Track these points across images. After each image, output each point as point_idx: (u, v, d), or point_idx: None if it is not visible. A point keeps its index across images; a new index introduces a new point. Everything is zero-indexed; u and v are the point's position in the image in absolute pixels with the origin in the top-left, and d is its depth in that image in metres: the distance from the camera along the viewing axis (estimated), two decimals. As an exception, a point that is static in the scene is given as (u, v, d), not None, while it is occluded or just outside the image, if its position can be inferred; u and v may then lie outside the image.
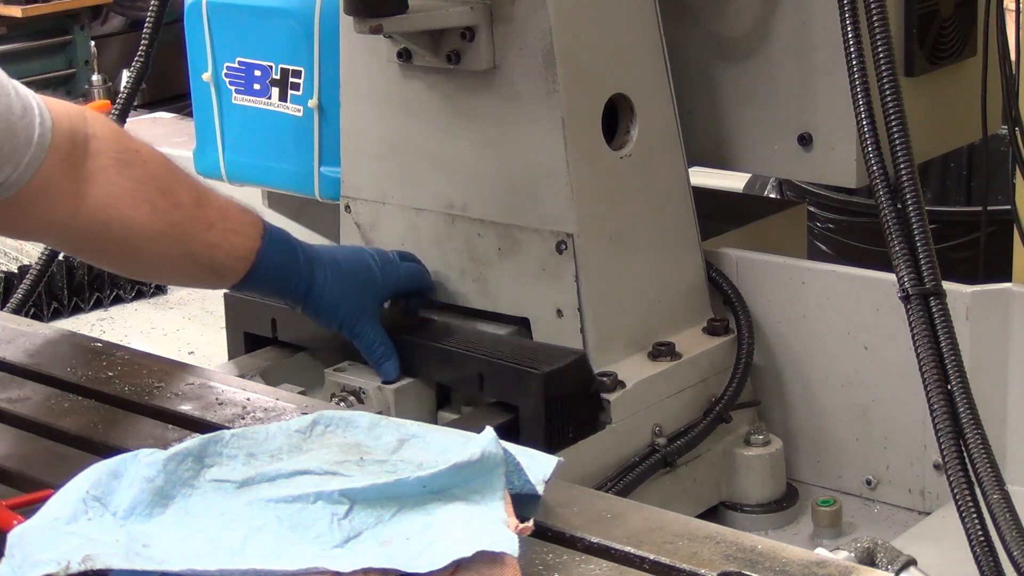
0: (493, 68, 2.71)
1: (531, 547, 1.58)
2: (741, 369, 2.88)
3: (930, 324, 2.41)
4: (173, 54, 3.85)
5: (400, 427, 1.76)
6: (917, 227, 2.48)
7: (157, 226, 2.16)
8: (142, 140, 2.20)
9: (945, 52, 3.04)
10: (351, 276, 2.56)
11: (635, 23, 2.81)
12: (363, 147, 2.95)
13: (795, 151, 2.98)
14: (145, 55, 3.41)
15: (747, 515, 2.89)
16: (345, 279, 2.54)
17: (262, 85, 3.14)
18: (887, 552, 2.24)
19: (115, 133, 2.14)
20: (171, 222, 2.18)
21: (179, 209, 2.19)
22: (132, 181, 2.12)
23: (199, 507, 1.60)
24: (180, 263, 2.25)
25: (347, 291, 2.53)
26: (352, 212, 2.98)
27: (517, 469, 1.68)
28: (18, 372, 2.18)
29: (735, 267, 2.97)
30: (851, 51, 2.56)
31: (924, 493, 2.86)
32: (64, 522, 1.55)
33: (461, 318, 2.85)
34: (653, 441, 2.77)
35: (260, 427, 1.74)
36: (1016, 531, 2.21)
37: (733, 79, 3.04)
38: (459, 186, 2.83)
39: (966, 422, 2.33)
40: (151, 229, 2.16)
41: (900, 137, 2.52)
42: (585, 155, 2.72)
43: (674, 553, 1.58)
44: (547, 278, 2.76)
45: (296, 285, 2.45)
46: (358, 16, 2.62)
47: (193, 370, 2.19)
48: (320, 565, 1.50)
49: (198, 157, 3.32)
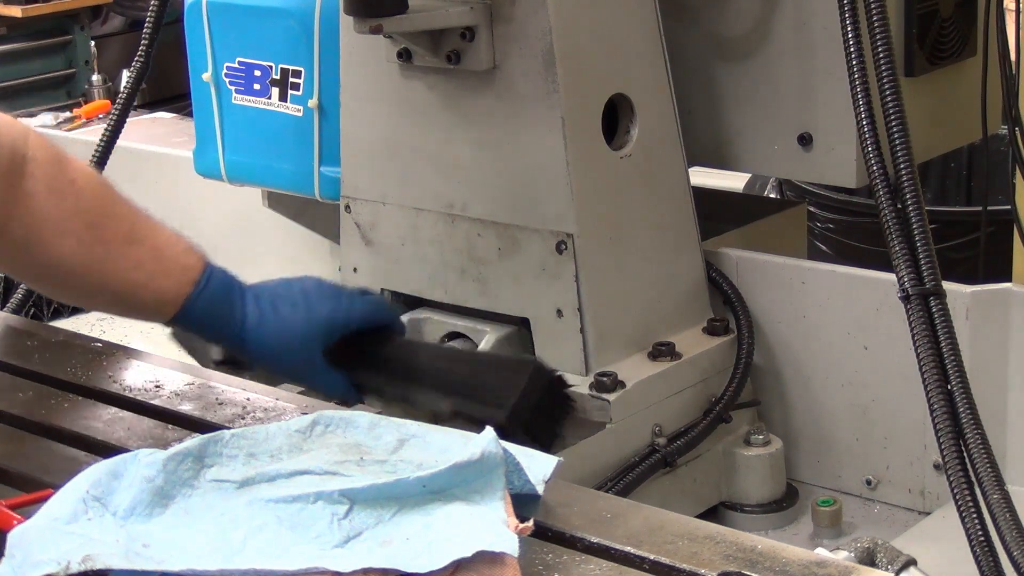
0: (493, 68, 2.71)
1: (531, 547, 1.58)
2: (741, 369, 2.88)
3: (930, 324, 2.41)
4: (173, 54, 3.85)
5: (400, 427, 1.75)
6: (917, 227, 2.48)
7: (80, 259, 2.12)
8: (84, 169, 2.16)
9: (945, 52, 3.04)
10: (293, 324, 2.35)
11: (635, 23, 2.81)
12: (363, 147, 2.95)
13: (795, 151, 2.98)
14: (145, 55, 3.41)
15: (747, 515, 2.89)
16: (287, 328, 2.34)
17: (262, 85, 3.14)
18: (887, 552, 2.24)
19: (54, 159, 2.10)
20: (95, 258, 2.13)
21: (105, 245, 2.14)
22: (60, 211, 2.09)
23: (199, 507, 1.60)
24: (100, 297, 2.21)
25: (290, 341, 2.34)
26: (352, 212, 2.98)
27: (517, 469, 1.68)
28: (18, 372, 2.18)
29: (735, 267, 2.97)
30: (851, 51, 2.56)
31: (924, 493, 2.86)
32: (64, 522, 1.55)
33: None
34: (653, 441, 2.77)
35: (260, 427, 1.74)
36: (1016, 531, 2.21)
37: (733, 79, 3.04)
38: (459, 186, 2.83)
39: (966, 422, 2.33)
40: (73, 262, 2.12)
41: (900, 137, 2.52)
42: (585, 155, 2.72)
43: (674, 553, 1.58)
44: (547, 278, 2.76)
45: (231, 334, 2.30)
46: (358, 16, 2.62)
47: (193, 370, 2.19)
48: (320, 565, 1.50)
49: (198, 157, 3.32)
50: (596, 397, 2.71)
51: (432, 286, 2.92)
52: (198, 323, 2.24)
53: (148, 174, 3.81)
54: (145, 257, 2.17)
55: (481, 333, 2.85)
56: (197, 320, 2.22)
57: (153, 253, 2.18)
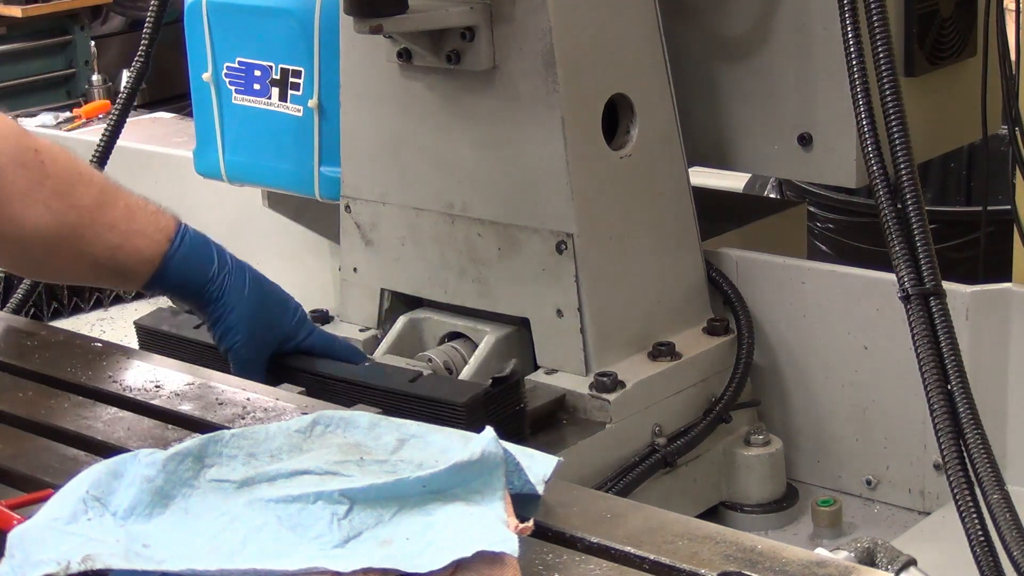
0: (493, 68, 2.71)
1: (531, 547, 1.58)
2: (741, 369, 2.88)
3: (930, 324, 2.41)
4: (173, 54, 3.85)
5: (400, 427, 1.75)
6: (917, 227, 2.48)
7: (53, 228, 2.14)
8: (45, 140, 2.18)
9: (945, 52, 3.04)
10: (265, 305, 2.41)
11: (635, 23, 2.81)
12: (363, 147, 2.95)
13: (795, 151, 2.98)
14: (145, 55, 3.41)
15: (747, 515, 2.89)
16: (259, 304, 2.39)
17: (262, 85, 3.14)
18: (887, 552, 2.23)
19: (15, 132, 2.12)
20: (66, 224, 2.15)
21: (76, 210, 2.16)
22: (27, 181, 2.10)
23: (199, 507, 1.60)
24: (77, 264, 2.22)
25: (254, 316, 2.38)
26: (352, 212, 2.98)
27: (517, 469, 1.68)
28: (18, 372, 2.18)
29: (735, 267, 2.97)
30: (851, 51, 2.56)
31: (924, 493, 2.86)
32: (64, 522, 1.55)
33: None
34: (653, 441, 2.77)
35: (260, 427, 1.74)
36: (1016, 531, 2.21)
37: (733, 79, 3.04)
38: (459, 186, 2.83)
39: (966, 422, 2.33)
40: (47, 232, 2.13)
41: (900, 137, 2.52)
42: (585, 155, 2.72)
43: (674, 553, 1.58)
44: (547, 278, 2.76)
45: (206, 294, 2.33)
46: (358, 16, 2.62)
47: (193, 370, 2.19)
48: (320, 565, 1.50)
49: (198, 157, 3.32)
50: (596, 397, 2.71)
51: (432, 286, 2.93)
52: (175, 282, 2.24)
53: (148, 174, 3.81)
54: (118, 218, 2.17)
55: (481, 333, 2.85)
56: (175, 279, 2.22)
57: (126, 214, 2.19)
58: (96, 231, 2.18)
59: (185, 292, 2.34)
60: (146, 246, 2.23)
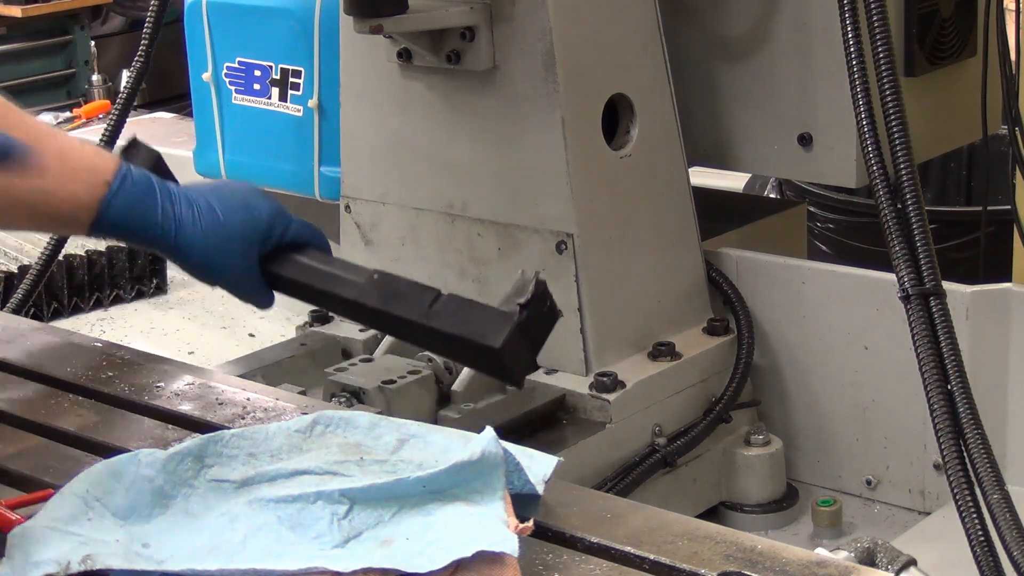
0: (493, 68, 2.71)
1: (531, 547, 1.58)
2: (741, 369, 2.88)
3: (930, 324, 2.41)
4: (173, 54, 3.85)
5: (400, 427, 1.75)
6: (917, 227, 2.48)
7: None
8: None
9: (945, 52, 3.04)
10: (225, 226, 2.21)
11: (635, 23, 2.81)
12: (363, 147, 2.95)
13: (795, 151, 2.98)
14: (145, 55, 3.41)
15: (747, 515, 2.89)
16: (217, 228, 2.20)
17: (262, 85, 3.15)
18: (887, 552, 2.24)
19: None
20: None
21: None
22: None
23: (199, 507, 1.60)
24: (10, 211, 2.16)
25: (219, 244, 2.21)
26: (352, 212, 2.98)
27: (517, 469, 1.68)
28: (18, 372, 2.18)
29: (735, 267, 2.97)
30: (851, 51, 2.56)
31: (924, 493, 2.86)
32: (64, 522, 1.55)
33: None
34: (653, 441, 2.77)
35: (260, 427, 1.74)
36: (1016, 531, 2.21)
37: (733, 79, 3.04)
38: (459, 186, 2.83)
39: (966, 422, 2.33)
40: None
41: (900, 137, 2.52)
42: (585, 155, 2.72)
43: (674, 553, 1.58)
44: (547, 278, 2.75)
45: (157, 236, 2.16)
46: (358, 16, 2.62)
47: (193, 370, 2.19)
48: (320, 565, 1.50)
49: (198, 157, 3.32)
50: (596, 397, 2.71)
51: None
52: (120, 227, 2.14)
53: (148, 174, 3.81)
54: (49, 163, 2.11)
55: (481, 333, 2.85)
56: (117, 223, 2.13)
57: (58, 158, 2.11)
58: (26, 177, 2.11)
59: (133, 237, 2.21)
60: (83, 191, 2.15)
